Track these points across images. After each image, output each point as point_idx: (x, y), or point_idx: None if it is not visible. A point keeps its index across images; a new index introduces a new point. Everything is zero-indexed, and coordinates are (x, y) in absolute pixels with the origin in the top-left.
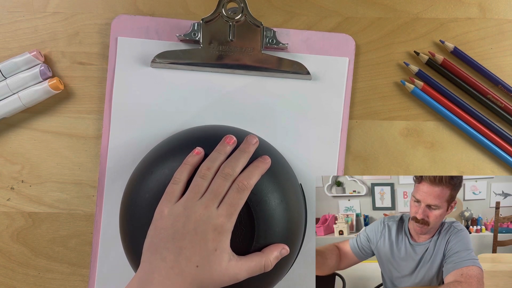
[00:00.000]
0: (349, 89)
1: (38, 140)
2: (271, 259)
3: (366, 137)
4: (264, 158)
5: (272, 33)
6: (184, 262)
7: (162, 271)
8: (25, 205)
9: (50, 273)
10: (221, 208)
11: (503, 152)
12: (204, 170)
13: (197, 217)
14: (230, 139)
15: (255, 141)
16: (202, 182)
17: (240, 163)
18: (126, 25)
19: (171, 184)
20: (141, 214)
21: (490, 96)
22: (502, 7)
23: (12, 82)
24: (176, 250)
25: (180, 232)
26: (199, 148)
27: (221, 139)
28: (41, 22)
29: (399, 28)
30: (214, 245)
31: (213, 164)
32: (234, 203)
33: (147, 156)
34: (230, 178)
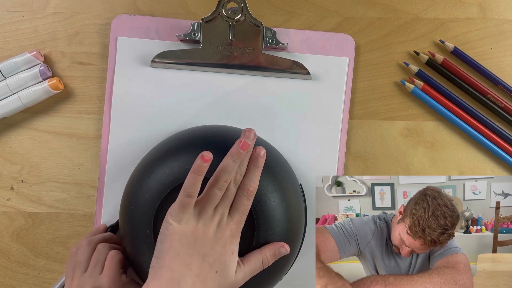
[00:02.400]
0: (349, 89)
1: (38, 140)
2: (267, 257)
3: (366, 137)
4: (258, 154)
5: (272, 33)
6: (207, 268)
7: (188, 280)
8: (25, 205)
9: (50, 273)
10: (234, 214)
11: (503, 152)
12: (222, 182)
13: (215, 225)
14: (245, 146)
15: (253, 136)
16: (220, 194)
17: (245, 166)
18: (126, 25)
19: (184, 197)
20: (141, 214)
21: (490, 96)
22: (502, 7)
23: (12, 82)
24: (200, 257)
25: (202, 240)
26: (207, 153)
27: (235, 143)
28: (41, 22)
29: (399, 28)
30: (231, 249)
31: (230, 176)
32: (245, 210)
33: (147, 156)
34: (239, 183)
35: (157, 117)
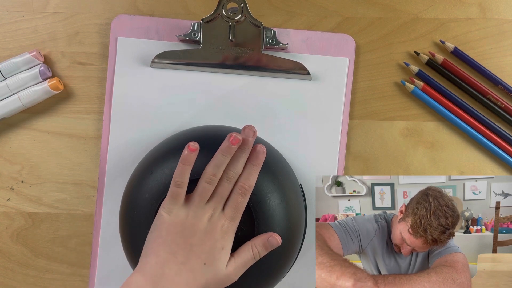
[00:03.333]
0: (349, 89)
1: (38, 140)
2: (257, 247)
3: (366, 137)
4: (258, 153)
5: (272, 33)
6: (194, 258)
7: (173, 266)
8: (25, 205)
9: (50, 274)
10: (227, 210)
11: (503, 152)
12: (211, 175)
13: (206, 219)
14: (235, 140)
15: (253, 134)
16: (210, 188)
17: (241, 163)
18: (126, 25)
19: (174, 187)
20: (141, 214)
21: (490, 96)
22: (502, 7)
23: (12, 82)
24: (187, 246)
25: (190, 230)
26: (193, 144)
27: (225, 138)
28: (41, 22)
29: (399, 28)
30: (221, 244)
31: (219, 170)
32: (238, 207)
33: (147, 156)
34: (233, 180)
35: (157, 117)
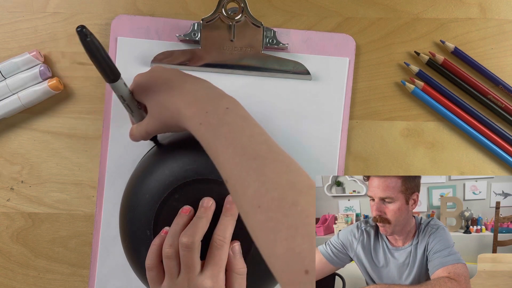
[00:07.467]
0: (349, 89)
1: (38, 141)
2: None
3: (366, 137)
4: (232, 206)
5: (272, 33)
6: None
7: None
8: (25, 206)
9: (50, 274)
10: (206, 270)
11: (503, 152)
12: (167, 249)
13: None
14: (186, 210)
15: (211, 204)
16: (172, 262)
17: (200, 229)
18: (126, 25)
19: (147, 271)
20: (141, 214)
21: (490, 97)
22: (502, 7)
23: (11, 83)
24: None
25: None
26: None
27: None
28: (41, 22)
29: (400, 28)
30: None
31: (173, 240)
32: (217, 262)
33: (147, 157)
34: (192, 246)
35: None
